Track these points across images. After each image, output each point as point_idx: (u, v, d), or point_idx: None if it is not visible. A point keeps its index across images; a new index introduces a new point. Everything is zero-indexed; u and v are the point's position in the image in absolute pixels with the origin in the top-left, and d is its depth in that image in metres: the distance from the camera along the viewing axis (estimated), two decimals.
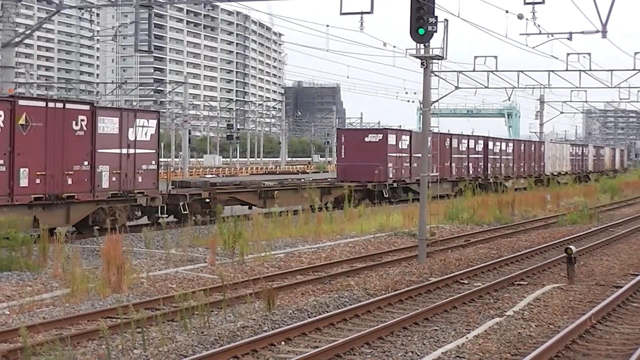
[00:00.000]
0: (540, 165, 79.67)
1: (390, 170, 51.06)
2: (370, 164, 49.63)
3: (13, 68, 40.36)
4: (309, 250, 28.43)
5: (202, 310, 16.55)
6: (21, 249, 23.16)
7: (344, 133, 54.42)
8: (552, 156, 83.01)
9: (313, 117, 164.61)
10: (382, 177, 50.30)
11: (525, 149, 76.26)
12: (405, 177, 53.08)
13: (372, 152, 50.44)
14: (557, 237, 34.50)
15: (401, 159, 52.68)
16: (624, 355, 14.38)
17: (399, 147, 52.24)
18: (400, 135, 53.24)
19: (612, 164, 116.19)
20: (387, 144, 50.90)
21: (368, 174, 49.53)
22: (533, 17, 38.20)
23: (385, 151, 50.70)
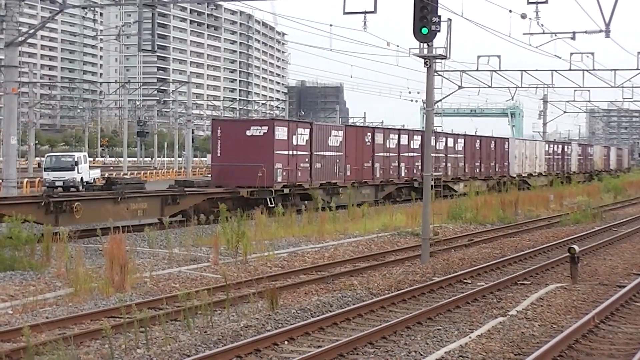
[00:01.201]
0: (504, 165, 70.51)
1: (279, 172, 40.47)
2: (251, 165, 39.33)
3: (16, 67, 40.36)
4: (312, 250, 28.43)
5: (205, 310, 16.56)
6: (24, 249, 23.19)
7: (220, 125, 42.81)
8: (520, 155, 73.70)
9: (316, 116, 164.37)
10: (267, 181, 39.47)
11: (483, 146, 66.84)
12: (303, 181, 42.79)
13: (255, 149, 40.06)
14: (561, 236, 34.47)
15: (296, 158, 41.95)
16: (627, 354, 14.37)
17: (293, 143, 41.65)
18: (294, 128, 42.60)
19: (604, 163, 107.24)
20: (273, 139, 40.21)
21: (249, 177, 39.31)
22: (536, 17, 38.23)
23: (272, 148, 40.09)
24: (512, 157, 71.47)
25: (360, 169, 48.11)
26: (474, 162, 64.28)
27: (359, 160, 48.06)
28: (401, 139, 53.93)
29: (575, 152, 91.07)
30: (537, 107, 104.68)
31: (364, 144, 48.83)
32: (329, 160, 44.91)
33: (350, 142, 46.88)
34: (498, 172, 68.77)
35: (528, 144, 77.01)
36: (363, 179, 48.42)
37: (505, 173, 69.48)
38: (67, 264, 21.59)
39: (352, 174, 47.03)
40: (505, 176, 67.98)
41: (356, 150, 47.58)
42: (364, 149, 48.92)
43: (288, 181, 41.19)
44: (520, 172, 72.73)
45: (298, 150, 42.11)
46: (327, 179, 44.57)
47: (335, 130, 46.47)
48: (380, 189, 50.50)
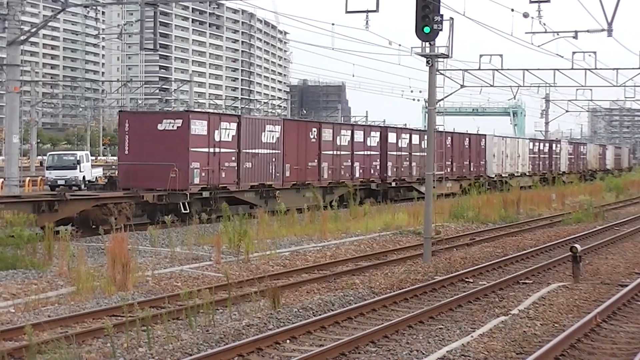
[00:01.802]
0: (480, 164, 64.72)
1: (196, 172, 34.82)
2: (161, 164, 33.82)
3: (18, 66, 40.42)
4: (314, 249, 28.44)
5: (207, 309, 16.57)
6: (26, 247, 23.20)
7: (128, 117, 36.96)
8: (500, 153, 68.23)
9: (318, 115, 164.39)
10: (181, 183, 33.87)
11: (455, 143, 60.60)
12: (229, 183, 37.01)
13: (167, 146, 34.35)
14: (563, 235, 34.46)
15: (219, 156, 36.18)
16: (629, 354, 14.37)
17: (215, 139, 35.91)
18: (216, 122, 36.47)
19: (600, 163, 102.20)
20: (188, 134, 34.43)
21: (160, 179, 33.64)
22: (538, 16, 38.15)
23: (186, 144, 34.34)
24: (489, 156, 66.01)
25: (303, 169, 42.48)
26: (444, 161, 56.74)
27: (301, 160, 42.42)
28: (355, 135, 48.08)
29: (565, 151, 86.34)
30: (539, 106, 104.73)
31: (307, 140, 43.13)
32: (263, 159, 39.28)
33: (290, 138, 41.30)
34: (473, 171, 63.54)
35: (509, 142, 71.46)
36: (307, 180, 42.68)
37: (482, 173, 64.29)
38: (69, 262, 21.61)
39: (293, 175, 41.69)
40: (482, 176, 63.34)
41: (298, 147, 41.91)
42: (308, 147, 43.10)
43: (208, 183, 35.54)
44: (499, 172, 67.61)
45: (222, 147, 36.24)
46: (260, 181, 39.14)
47: (271, 125, 40.50)
48: (329, 192, 44.39)
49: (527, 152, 74.74)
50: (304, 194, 41.39)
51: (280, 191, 40.13)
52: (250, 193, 38.71)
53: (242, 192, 38.06)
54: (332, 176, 45.18)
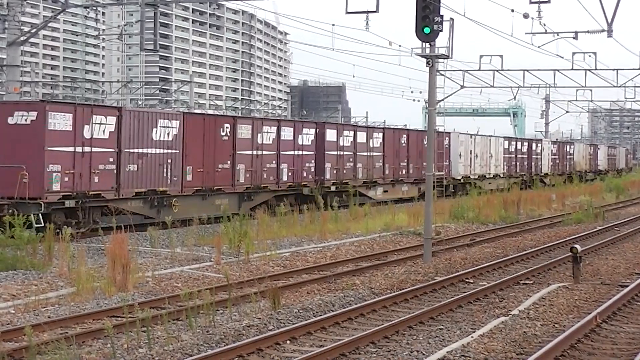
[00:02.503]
0: (443, 165, 55.71)
1: (55, 176, 28.15)
2: (9, 167, 27.73)
3: (18, 67, 40.43)
4: (314, 249, 28.44)
5: (208, 309, 16.57)
6: (26, 248, 23.20)
7: None
8: (468, 153, 61.73)
9: (319, 116, 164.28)
10: (33, 190, 27.44)
11: (412, 142, 53.75)
12: (105, 190, 30.19)
13: (18, 144, 28.03)
14: (563, 236, 34.47)
15: (90, 156, 29.53)
16: (629, 354, 14.38)
17: (84, 136, 29.26)
18: (86, 116, 29.55)
19: (590, 164, 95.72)
20: (44, 130, 27.94)
21: (7, 185, 27.49)
22: (539, 16, 38.19)
23: (42, 142, 27.80)
24: (454, 156, 59.43)
25: (210, 172, 35.29)
26: (398, 162, 51.63)
27: (208, 161, 35.23)
28: (283, 132, 40.65)
29: (547, 151, 79.91)
30: (540, 107, 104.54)
31: (217, 139, 35.73)
32: (154, 160, 32.35)
33: (193, 135, 34.32)
34: None
35: (479, 140, 65.01)
36: (216, 185, 35.64)
37: (445, 174, 56.10)
38: (69, 263, 21.60)
39: (197, 179, 34.40)
40: (445, 178, 55.78)
41: (204, 147, 35.01)
42: (219, 146, 35.83)
43: (74, 190, 28.76)
44: (467, 174, 61.19)
45: (94, 146, 29.61)
46: (150, 186, 32.26)
47: (165, 119, 33.26)
48: (246, 198, 37.59)
49: (502, 152, 68.63)
50: (213, 201, 35.24)
51: (178, 198, 33.49)
52: (136, 201, 31.78)
53: (124, 200, 31.09)
54: (251, 180, 37.70)
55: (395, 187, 50.73)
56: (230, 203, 36.07)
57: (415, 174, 53.28)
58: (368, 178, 47.93)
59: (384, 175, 50.01)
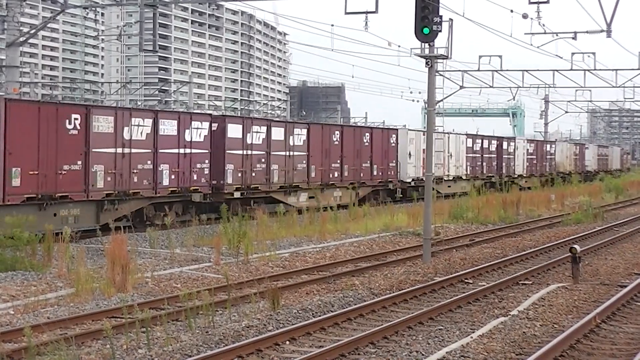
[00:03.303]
0: (388, 166, 50.20)
1: None
2: None
3: (18, 68, 40.37)
4: (313, 250, 28.45)
5: (207, 310, 16.57)
6: (26, 249, 23.18)
7: None
8: (420, 152, 53.29)
9: (318, 116, 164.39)
10: None
11: (347, 140, 45.59)
12: None
13: None
14: (562, 236, 34.48)
15: None
16: (628, 354, 14.38)
17: None
18: None
19: (576, 164, 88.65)
20: None
21: None
22: (538, 17, 38.21)
23: None
24: (403, 155, 51.80)
25: (51, 175, 27.93)
26: (328, 163, 43.85)
27: (47, 162, 27.88)
28: (162, 126, 32.87)
29: (522, 150, 73.36)
30: (539, 107, 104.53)
31: (62, 134, 28.51)
32: None
33: (21, 130, 27.08)
34: (379, 175, 49.08)
35: None
36: (59, 191, 28.25)
37: (392, 177, 50.33)
38: (68, 264, 21.60)
39: (28, 184, 27.15)
40: (391, 181, 50.36)
41: (40, 144, 27.64)
42: (64, 143, 28.54)
43: None
44: (419, 176, 52.79)
45: None
46: None
47: None
48: (106, 208, 30.24)
49: (464, 151, 61.54)
50: (55, 211, 28.16)
51: None
52: None
53: None
54: (113, 185, 30.37)
55: (326, 193, 42.80)
56: (83, 214, 29.27)
57: (352, 176, 45.79)
58: (287, 182, 40.09)
59: (309, 179, 41.92)
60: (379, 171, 49.17)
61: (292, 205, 39.32)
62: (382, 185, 49.61)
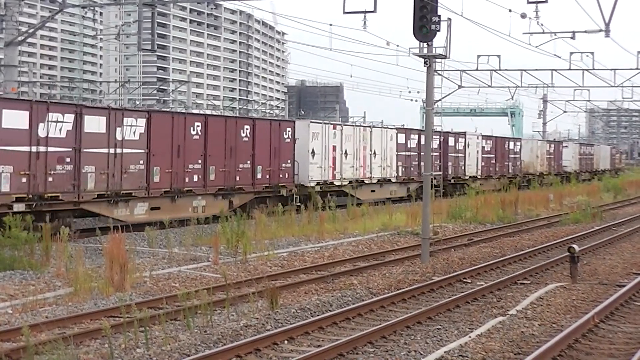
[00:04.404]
0: (281, 168, 39.03)
1: None
2: None
3: (16, 67, 40.43)
4: (312, 249, 28.44)
5: (205, 309, 16.57)
6: (24, 248, 23.17)
7: None
8: (329, 150, 43.94)
9: (316, 115, 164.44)
10: None
11: (211, 133, 34.62)
12: None
13: None
14: (560, 236, 34.49)
15: None
16: (626, 354, 14.38)
17: None
18: None
19: (550, 165, 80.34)
20: None
21: None
22: (536, 16, 38.25)
23: None
24: (303, 154, 41.38)
25: None
26: (182, 164, 33.16)
27: None
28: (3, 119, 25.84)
29: (475, 148, 63.74)
30: (537, 107, 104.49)
31: None
32: None
33: None
34: (265, 179, 37.96)
35: (348, 132, 46.39)
36: None
37: (286, 181, 39.54)
38: (66, 263, 21.59)
39: None
40: (284, 186, 39.23)
41: None
42: None
43: None
44: (329, 179, 43.97)
45: None
46: None
47: None
48: None
49: (394, 149, 51.18)
50: None
51: None
52: None
53: None
54: None
55: (178, 202, 33.03)
56: None
57: (221, 181, 35.30)
58: (111, 189, 29.81)
59: (149, 185, 31.62)
60: (266, 174, 38.06)
61: (122, 220, 29.99)
62: (271, 191, 38.49)
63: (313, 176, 42.32)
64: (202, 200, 34.40)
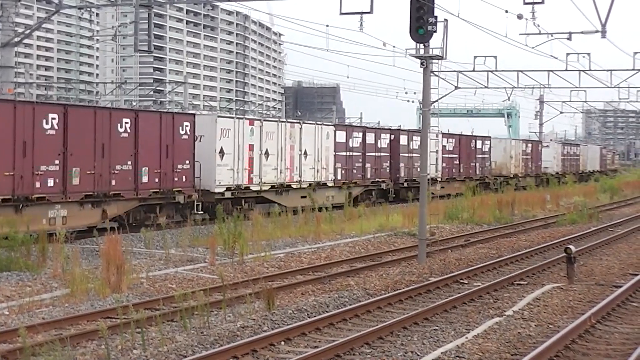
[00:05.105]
0: (176, 170, 32.63)
1: None
2: None
3: (12, 68, 40.38)
4: (308, 250, 28.43)
5: (202, 311, 16.56)
6: (21, 249, 23.15)
7: None
8: (244, 150, 37.05)
9: (313, 116, 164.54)
10: None
11: (76, 128, 28.38)
12: None
13: None
14: (557, 236, 34.50)
15: None
16: (623, 354, 14.39)
17: None
18: None
19: (526, 166, 74.67)
20: None
21: None
22: (532, 17, 38.16)
23: None
24: (208, 154, 34.88)
25: None
26: (30, 164, 26.96)
27: None
28: None
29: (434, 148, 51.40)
30: (534, 108, 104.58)
31: None
32: None
33: None
34: (153, 183, 31.60)
35: (268, 129, 38.98)
36: None
37: (183, 185, 32.87)
38: (63, 264, 21.57)
39: None
40: (180, 191, 32.67)
41: None
42: None
43: None
44: (241, 183, 36.89)
45: None
46: None
47: None
48: None
49: (331, 148, 44.31)
50: None
51: None
52: None
53: None
54: None
55: (26, 213, 26.60)
56: None
57: (88, 186, 29.00)
58: None
59: None
60: (155, 177, 31.81)
61: None
62: (162, 197, 32.19)
63: (221, 180, 35.61)
64: (61, 210, 28.15)
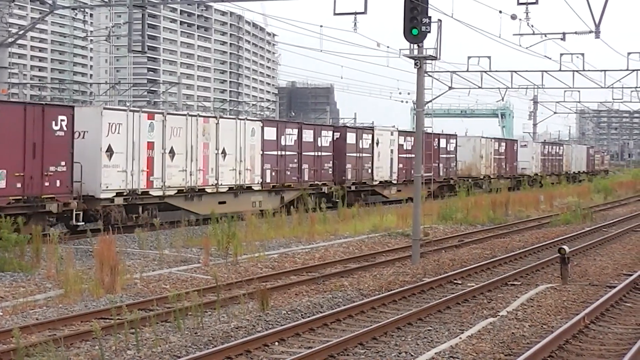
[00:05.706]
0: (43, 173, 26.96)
1: None
2: None
3: (6, 68, 40.36)
4: (302, 251, 28.43)
5: (196, 311, 16.55)
6: (14, 250, 23.11)
7: None
8: (140, 148, 31.72)
9: (307, 117, 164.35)
10: None
11: None
12: None
13: None
14: (551, 237, 34.51)
15: None
16: (617, 355, 14.40)
17: None
18: None
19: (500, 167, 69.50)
20: None
21: None
22: (526, 18, 38.20)
23: None
24: (93, 155, 29.77)
25: None
26: None
27: None
28: None
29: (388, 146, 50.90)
30: (528, 108, 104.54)
31: None
32: None
33: None
34: (20, 189, 26.37)
35: (174, 124, 33.59)
36: None
37: (60, 192, 27.68)
38: (57, 265, 21.54)
39: None
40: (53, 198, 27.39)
41: None
42: None
43: None
44: (137, 187, 31.57)
45: None
46: None
47: None
48: None
49: (258, 148, 38.72)
50: None
51: None
52: None
53: None
54: None
55: None
56: None
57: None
58: None
59: None
60: (16, 181, 26.33)
61: None
62: (27, 206, 26.87)
63: (109, 184, 30.35)
64: None
